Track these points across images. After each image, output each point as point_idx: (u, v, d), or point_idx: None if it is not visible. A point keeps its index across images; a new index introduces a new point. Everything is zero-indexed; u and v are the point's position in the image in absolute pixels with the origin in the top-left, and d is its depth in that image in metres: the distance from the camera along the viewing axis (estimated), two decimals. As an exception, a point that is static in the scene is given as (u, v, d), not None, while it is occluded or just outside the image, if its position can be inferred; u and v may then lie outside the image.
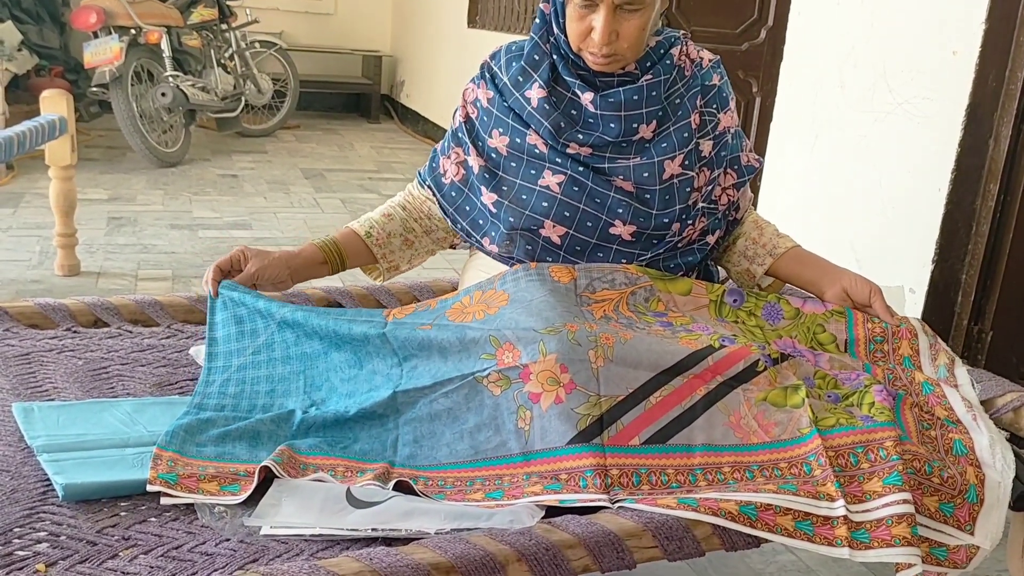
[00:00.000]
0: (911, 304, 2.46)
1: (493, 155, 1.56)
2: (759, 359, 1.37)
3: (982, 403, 1.47)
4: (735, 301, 1.54)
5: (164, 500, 1.19)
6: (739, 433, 1.32)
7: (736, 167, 1.59)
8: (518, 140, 1.54)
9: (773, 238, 1.64)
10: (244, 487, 1.22)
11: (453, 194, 1.62)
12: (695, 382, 1.34)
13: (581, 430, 1.27)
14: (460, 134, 1.61)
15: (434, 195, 1.65)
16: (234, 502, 1.19)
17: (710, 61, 1.58)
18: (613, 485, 1.24)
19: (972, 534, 1.22)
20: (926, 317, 2.43)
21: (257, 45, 6.47)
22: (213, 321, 1.51)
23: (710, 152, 1.56)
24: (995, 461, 1.28)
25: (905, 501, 1.19)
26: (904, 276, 2.49)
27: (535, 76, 1.52)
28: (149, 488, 1.20)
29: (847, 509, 1.19)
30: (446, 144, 1.65)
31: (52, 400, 1.43)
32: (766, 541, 1.20)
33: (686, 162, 1.52)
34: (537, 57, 1.53)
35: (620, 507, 1.20)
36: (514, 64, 1.56)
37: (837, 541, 1.17)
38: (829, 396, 1.40)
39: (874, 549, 1.16)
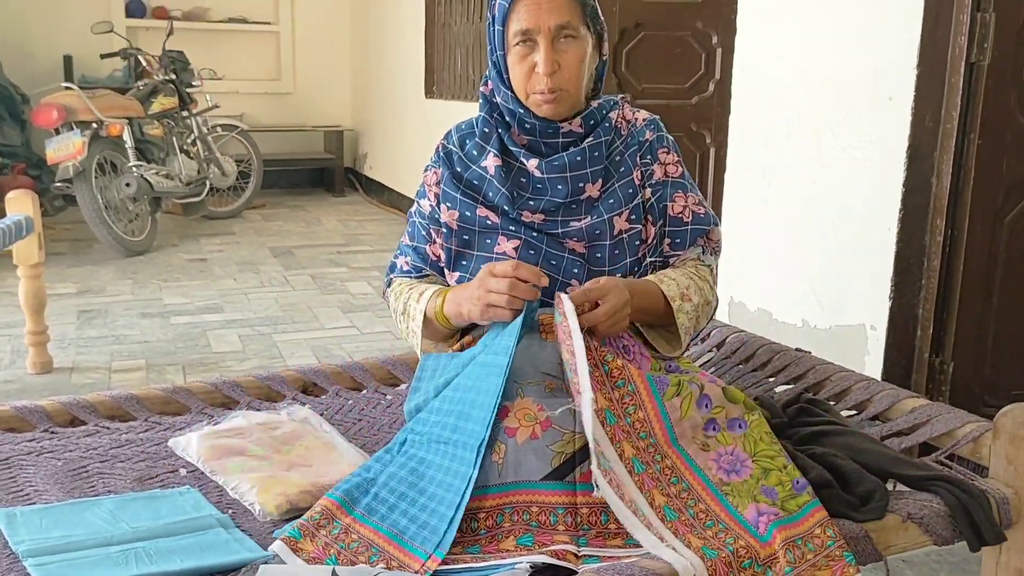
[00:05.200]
0: (873, 341, 2.52)
1: (444, 229, 1.62)
2: None
3: (941, 436, 1.52)
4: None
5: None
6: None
7: (662, 219, 1.62)
8: (467, 214, 1.60)
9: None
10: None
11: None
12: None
13: (555, 467, 1.32)
14: (437, 215, 1.65)
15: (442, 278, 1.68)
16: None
17: (644, 120, 1.65)
18: (582, 523, 1.29)
19: None
20: (888, 352, 2.49)
21: (219, 129, 6.55)
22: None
23: (651, 201, 1.61)
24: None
25: None
26: (864, 314, 2.56)
27: (488, 147, 1.59)
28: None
29: None
30: (424, 232, 1.68)
31: (34, 503, 1.44)
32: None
33: (632, 216, 1.59)
34: (487, 130, 1.61)
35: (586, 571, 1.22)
36: (467, 140, 1.64)
37: None
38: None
39: None
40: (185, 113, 6.15)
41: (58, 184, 5.18)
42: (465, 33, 5.85)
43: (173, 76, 6.04)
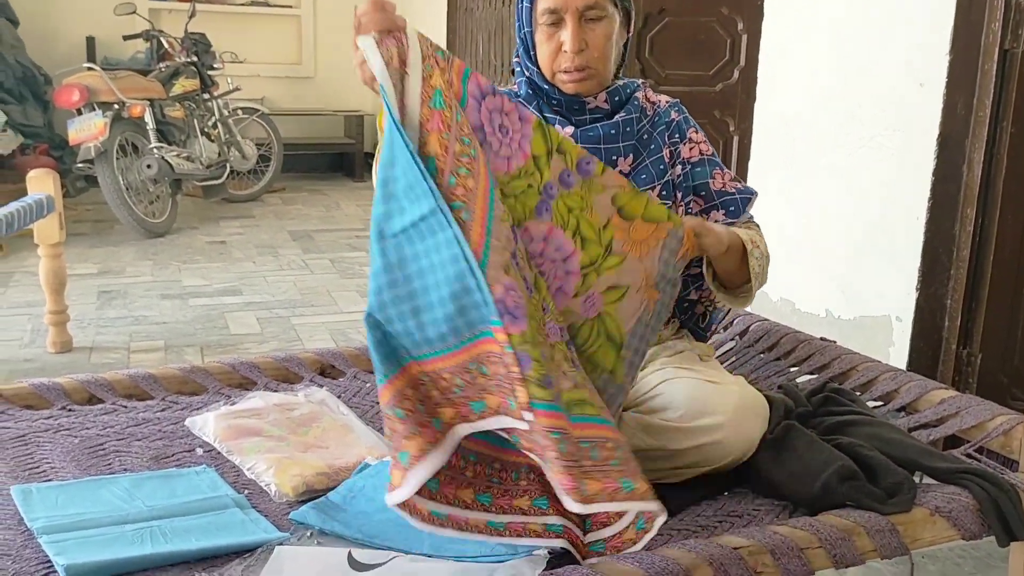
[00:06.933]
0: (899, 332, 2.48)
1: None
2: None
3: (971, 428, 1.49)
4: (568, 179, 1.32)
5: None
6: None
7: (703, 193, 1.63)
8: None
9: None
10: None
11: None
12: None
13: None
14: None
15: None
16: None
17: (668, 102, 1.66)
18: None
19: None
20: (914, 343, 2.45)
21: (240, 112, 6.55)
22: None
23: (680, 179, 1.62)
24: None
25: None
26: (890, 305, 2.51)
27: (531, 109, 1.58)
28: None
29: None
30: None
31: (50, 480, 1.44)
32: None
33: (663, 192, 1.59)
34: (532, 91, 1.61)
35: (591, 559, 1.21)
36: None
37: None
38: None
39: None
40: (206, 96, 6.16)
41: (80, 165, 5.20)
42: (487, 18, 5.81)
43: (195, 58, 6.05)
